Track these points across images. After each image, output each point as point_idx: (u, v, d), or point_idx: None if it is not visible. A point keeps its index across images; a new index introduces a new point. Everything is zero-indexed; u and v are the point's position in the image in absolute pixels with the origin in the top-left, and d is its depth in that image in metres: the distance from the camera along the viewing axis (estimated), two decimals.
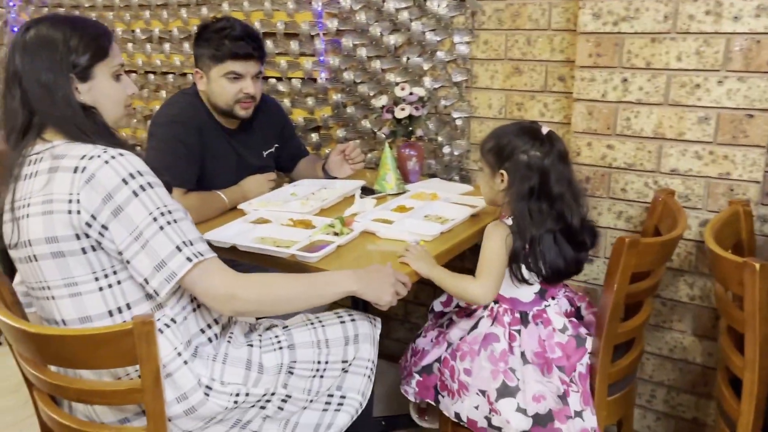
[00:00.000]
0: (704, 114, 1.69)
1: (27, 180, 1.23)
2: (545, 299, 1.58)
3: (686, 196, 1.77)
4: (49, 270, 1.21)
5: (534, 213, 1.48)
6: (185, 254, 1.19)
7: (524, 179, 1.49)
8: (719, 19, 1.61)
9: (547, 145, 1.50)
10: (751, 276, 1.20)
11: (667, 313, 1.89)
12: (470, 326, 1.62)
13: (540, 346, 1.52)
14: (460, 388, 1.55)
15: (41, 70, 1.23)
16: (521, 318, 1.56)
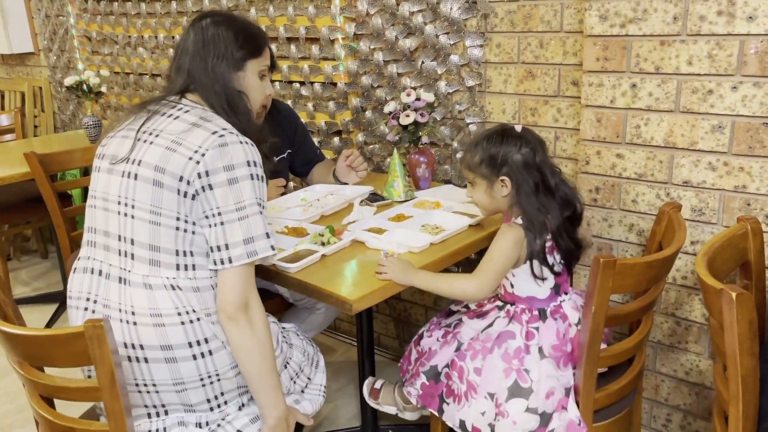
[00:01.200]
0: (718, 122, 1.57)
1: (165, 117, 1.40)
2: (560, 294, 1.55)
3: (700, 209, 1.65)
4: (144, 192, 1.33)
5: (546, 206, 1.49)
6: (270, 242, 1.35)
7: (527, 177, 1.50)
8: (732, 20, 1.48)
9: (530, 141, 1.51)
10: (728, 305, 1.10)
11: (682, 333, 1.77)
12: (484, 326, 1.60)
13: (558, 339, 1.50)
14: (468, 389, 1.52)
15: (211, 53, 1.45)
16: (540, 314, 1.54)
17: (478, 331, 1.59)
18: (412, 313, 2.57)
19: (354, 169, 2.11)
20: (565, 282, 1.56)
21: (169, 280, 1.33)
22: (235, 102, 1.45)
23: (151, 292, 1.32)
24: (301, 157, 2.23)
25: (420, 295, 2.51)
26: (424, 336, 1.73)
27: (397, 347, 2.68)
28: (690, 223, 1.67)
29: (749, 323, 1.12)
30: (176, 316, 1.32)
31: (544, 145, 1.53)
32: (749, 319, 1.11)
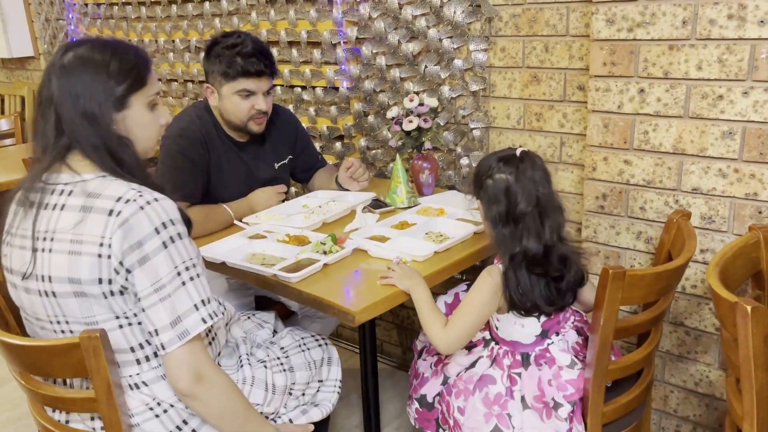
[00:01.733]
0: (728, 128, 1.53)
1: (52, 211, 1.20)
2: (548, 337, 1.48)
3: (710, 217, 1.61)
4: (70, 307, 1.19)
5: (506, 238, 1.38)
6: (201, 314, 1.20)
7: (493, 204, 1.40)
8: (743, 24, 1.45)
9: (514, 166, 1.39)
10: (743, 319, 1.07)
11: (691, 343, 1.73)
12: (469, 363, 1.55)
13: (540, 390, 1.43)
14: (455, 425, 1.50)
15: (80, 96, 1.18)
16: (522, 360, 1.48)
17: (464, 367, 1.55)
18: (415, 320, 2.53)
19: (355, 179, 2.08)
20: (555, 324, 1.47)
21: (132, 378, 1.25)
22: (117, 153, 1.21)
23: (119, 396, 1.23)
24: (302, 163, 2.20)
25: None
26: (422, 356, 1.70)
27: (400, 354, 2.65)
28: (699, 231, 1.63)
29: (764, 338, 1.08)
30: (148, 412, 1.26)
31: (539, 177, 1.39)
32: (764, 333, 1.08)
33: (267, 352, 1.50)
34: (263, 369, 1.43)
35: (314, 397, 1.56)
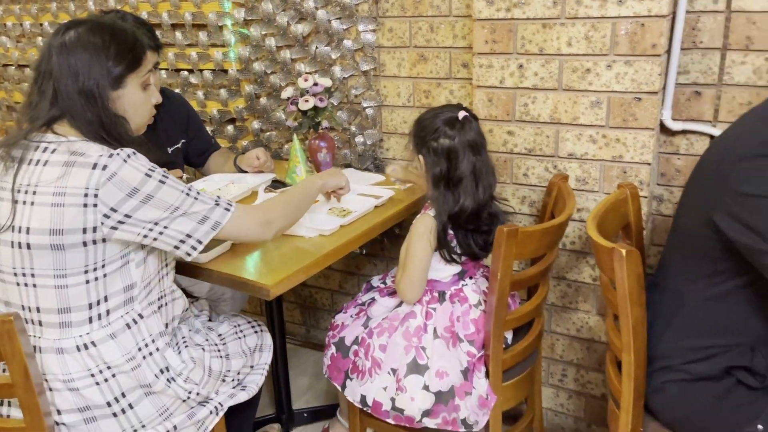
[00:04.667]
0: (596, 98, 1.71)
1: (35, 166, 1.25)
2: (463, 279, 1.62)
3: (584, 179, 1.80)
4: (43, 259, 1.23)
5: (445, 197, 1.54)
6: (222, 206, 1.35)
7: (435, 164, 1.55)
8: (605, 4, 1.62)
9: (459, 130, 1.55)
10: (619, 261, 1.22)
11: (572, 294, 1.93)
12: (394, 305, 1.67)
13: (450, 321, 1.57)
14: (373, 365, 1.58)
15: (80, 74, 1.26)
16: (439, 296, 1.60)
17: (389, 309, 1.66)
18: (318, 298, 2.59)
19: (264, 171, 2.09)
20: (472, 268, 1.64)
21: (82, 338, 1.28)
22: (112, 131, 1.29)
23: (62, 357, 1.27)
24: (195, 146, 2.17)
25: (325, 280, 2.54)
26: (341, 312, 1.78)
27: (305, 333, 2.69)
28: (576, 192, 1.81)
29: (637, 277, 1.25)
30: (89, 378, 1.28)
31: (473, 141, 1.55)
32: (637, 273, 1.24)
33: (206, 336, 1.52)
34: (201, 351, 1.46)
35: (242, 381, 1.59)
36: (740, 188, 1.13)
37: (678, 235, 1.35)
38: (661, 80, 1.65)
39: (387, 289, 1.74)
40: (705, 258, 1.23)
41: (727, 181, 1.16)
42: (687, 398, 1.24)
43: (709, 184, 1.24)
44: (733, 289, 1.20)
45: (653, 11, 1.57)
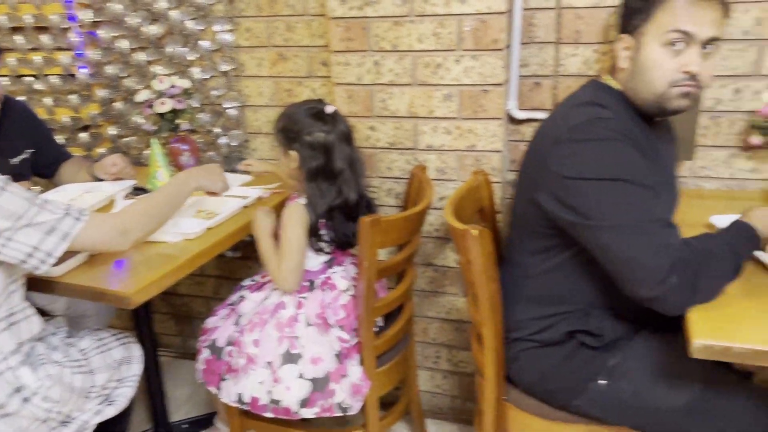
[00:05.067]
0: (448, 92, 1.81)
1: None
2: (332, 267, 1.66)
3: (442, 169, 1.89)
4: None
5: (323, 190, 1.58)
6: (72, 216, 1.29)
7: (311, 158, 1.59)
8: (449, 2, 1.72)
9: (331, 124, 1.60)
10: (472, 241, 1.31)
11: (440, 279, 2.02)
12: (262, 298, 1.67)
13: (321, 308, 1.60)
14: (248, 362, 1.57)
15: None
16: (309, 285, 1.63)
17: (258, 303, 1.66)
18: (192, 306, 2.53)
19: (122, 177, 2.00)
20: (340, 255, 1.68)
21: None
22: None
23: None
24: (45, 156, 2.04)
25: (199, 288, 2.48)
26: (211, 316, 1.75)
27: (181, 344, 2.61)
28: (436, 182, 1.90)
29: (489, 254, 1.34)
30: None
31: (347, 134, 1.62)
32: (489, 251, 1.34)
33: (65, 352, 1.44)
34: (60, 368, 1.38)
35: (110, 396, 1.52)
36: (558, 170, 1.24)
37: (515, 215, 1.47)
38: (505, 73, 1.77)
39: (255, 285, 1.74)
40: (537, 235, 1.35)
41: (546, 164, 1.27)
42: (538, 364, 1.35)
43: (533, 168, 1.36)
44: (563, 261, 1.32)
45: (492, 8, 1.69)
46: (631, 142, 1.22)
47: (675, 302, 1.12)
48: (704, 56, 1.25)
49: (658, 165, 1.33)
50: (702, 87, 1.28)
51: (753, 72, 1.67)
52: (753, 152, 1.74)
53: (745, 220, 1.24)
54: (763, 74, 1.66)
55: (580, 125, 1.24)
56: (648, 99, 1.29)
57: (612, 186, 1.17)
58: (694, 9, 1.22)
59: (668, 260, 1.11)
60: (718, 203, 1.70)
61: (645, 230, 1.14)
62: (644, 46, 1.27)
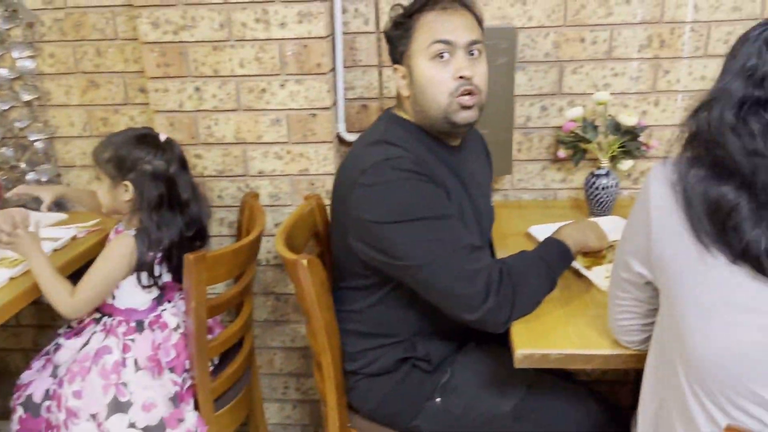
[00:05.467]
0: (275, 116, 1.77)
1: None
2: (162, 304, 1.55)
3: (276, 195, 1.85)
4: None
5: (167, 221, 1.48)
6: None
7: (152, 189, 1.48)
8: (269, 27, 1.69)
9: (169, 152, 1.51)
10: (302, 271, 1.28)
11: (282, 307, 1.97)
12: (81, 345, 1.52)
13: (153, 349, 1.49)
14: (68, 417, 1.42)
15: None
16: (137, 326, 1.51)
17: (76, 350, 1.52)
18: (9, 361, 2.25)
19: None
20: (171, 290, 1.58)
21: None
22: None
23: None
24: None
25: (15, 340, 2.22)
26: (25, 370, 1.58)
27: None
28: (270, 208, 1.86)
29: (321, 283, 1.32)
30: None
31: (184, 161, 1.54)
32: (321, 279, 1.31)
33: None
34: None
35: None
36: (360, 216, 1.24)
37: (334, 253, 1.46)
38: (331, 96, 1.78)
39: (72, 331, 1.58)
40: (356, 275, 1.35)
41: (348, 209, 1.27)
42: (375, 391, 1.35)
43: (339, 212, 1.36)
44: (385, 295, 1.33)
45: (313, 33, 1.68)
46: (425, 176, 1.22)
47: (496, 321, 1.17)
48: (472, 61, 1.29)
49: (463, 188, 1.36)
50: (482, 92, 1.31)
51: (556, 91, 1.82)
52: (561, 164, 1.88)
53: (558, 237, 1.33)
54: (564, 92, 1.81)
55: (370, 169, 1.23)
56: (437, 117, 1.30)
57: (414, 226, 1.19)
58: (445, 19, 1.28)
59: (482, 285, 1.15)
60: (536, 212, 1.82)
61: (455, 261, 1.17)
62: (416, 68, 1.30)
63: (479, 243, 1.24)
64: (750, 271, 0.84)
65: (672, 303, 0.93)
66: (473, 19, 1.32)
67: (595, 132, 1.69)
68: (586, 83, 1.80)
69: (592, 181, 1.70)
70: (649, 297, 1.02)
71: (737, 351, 0.86)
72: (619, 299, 1.07)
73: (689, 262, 0.89)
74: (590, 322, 1.21)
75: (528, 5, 1.74)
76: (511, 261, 1.23)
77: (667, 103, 1.80)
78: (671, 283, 0.92)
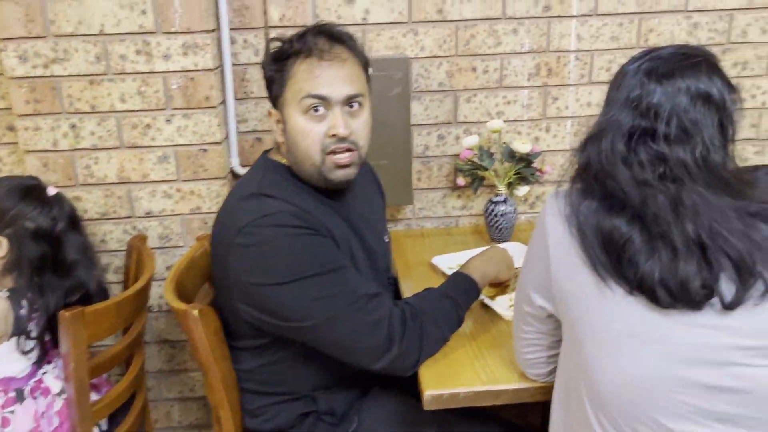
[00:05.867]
0: (162, 153, 1.67)
1: None
2: (42, 367, 1.40)
3: (167, 236, 1.73)
4: None
5: (52, 284, 1.36)
6: None
7: (32, 248, 1.35)
8: (151, 59, 1.59)
9: (57, 209, 1.40)
10: (194, 322, 1.19)
11: (179, 355, 1.84)
12: None
13: (36, 421, 1.34)
14: None
15: None
16: (17, 396, 1.34)
17: None
18: None
19: None
20: (50, 350, 1.42)
21: None
22: None
23: None
24: None
25: None
26: None
27: None
28: (161, 250, 1.74)
29: (216, 332, 1.23)
30: None
31: (75, 218, 1.46)
32: (215, 328, 1.22)
33: None
34: None
35: None
36: (242, 278, 1.14)
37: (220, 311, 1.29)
38: (222, 130, 1.69)
39: None
40: (246, 336, 1.24)
41: (227, 269, 1.17)
42: None
43: (219, 271, 1.25)
44: (277, 354, 1.24)
45: (200, 65, 1.60)
46: (308, 229, 1.14)
47: (403, 367, 1.13)
48: (351, 115, 1.19)
49: (353, 232, 1.29)
50: (360, 147, 1.22)
51: (452, 120, 1.83)
52: (461, 191, 1.89)
53: (465, 270, 1.30)
54: (459, 121, 1.82)
55: (247, 228, 1.12)
56: (311, 172, 1.21)
57: (303, 284, 1.10)
58: (322, 71, 1.15)
59: (384, 335, 1.10)
60: (439, 241, 1.81)
61: (352, 315, 1.10)
62: (289, 118, 1.19)
63: (376, 289, 1.16)
64: (647, 302, 0.85)
65: (575, 335, 0.92)
66: (356, 66, 1.20)
67: (491, 159, 1.70)
68: (480, 111, 1.82)
69: (491, 208, 1.71)
70: (553, 329, 1.01)
71: (640, 381, 0.86)
72: (523, 332, 1.06)
73: (589, 294, 0.89)
74: (497, 355, 1.20)
75: (420, 35, 1.74)
76: (415, 302, 1.19)
77: (557, 129, 1.85)
78: (573, 316, 0.92)
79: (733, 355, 0.84)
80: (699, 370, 0.84)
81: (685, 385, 0.84)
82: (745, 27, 1.78)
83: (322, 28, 1.22)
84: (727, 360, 0.84)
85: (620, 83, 0.92)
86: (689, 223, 0.82)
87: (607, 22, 1.76)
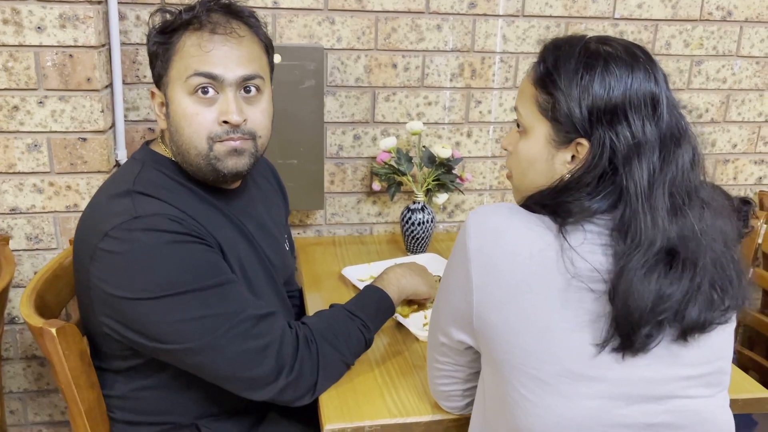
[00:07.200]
0: (33, 140, 1.44)
1: None
2: None
3: (36, 237, 1.50)
4: None
5: None
6: None
7: None
8: (21, 30, 1.36)
9: None
10: (51, 342, 0.98)
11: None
12: None
13: None
14: None
15: None
16: None
17: None
18: None
19: None
20: None
21: None
22: None
23: None
24: None
25: None
26: None
27: None
28: (30, 252, 1.50)
29: (80, 354, 1.03)
30: None
31: None
32: (79, 350, 1.03)
33: None
34: None
35: None
36: (107, 290, 0.96)
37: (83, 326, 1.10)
38: (107, 118, 1.48)
39: None
40: (115, 357, 1.05)
41: (89, 278, 0.98)
42: None
43: (80, 277, 1.04)
44: (152, 379, 1.06)
45: (80, 41, 1.38)
46: (189, 236, 0.96)
47: (296, 397, 0.98)
48: (248, 101, 1.02)
49: (245, 240, 1.12)
50: (259, 137, 1.05)
51: (369, 119, 1.69)
52: (377, 197, 1.76)
53: (379, 284, 1.16)
54: (377, 121, 1.69)
55: (114, 231, 0.94)
56: (197, 164, 1.02)
57: (178, 301, 0.93)
58: (212, 46, 0.98)
59: (272, 362, 0.95)
60: (351, 249, 1.67)
61: (235, 340, 0.94)
62: (173, 100, 1.02)
63: (266, 309, 0.99)
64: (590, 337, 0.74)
65: (499, 373, 0.79)
66: (255, 45, 1.03)
67: (410, 164, 1.58)
68: (400, 111, 1.69)
69: (408, 216, 1.58)
70: (471, 361, 0.89)
71: (577, 421, 0.75)
72: (438, 363, 0.93)
73: (521, 330, 0.77)
74: (410, 384, 1.07)
75: (336, 25, 1.60)
76: (314, 322, 1.03)
77: (479, 134, 1.75)
78: (499, 353, 0.79)
79: (675, 388, 0.76)
80: (639, 408, 0.74)
81: (624, 425, 0.74)
82: (669, 38, 1.75)
83: (219, 2, 1.05)
84: (669, 393, 0.76)
85: None
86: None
87: (534, 24, 1.68)
